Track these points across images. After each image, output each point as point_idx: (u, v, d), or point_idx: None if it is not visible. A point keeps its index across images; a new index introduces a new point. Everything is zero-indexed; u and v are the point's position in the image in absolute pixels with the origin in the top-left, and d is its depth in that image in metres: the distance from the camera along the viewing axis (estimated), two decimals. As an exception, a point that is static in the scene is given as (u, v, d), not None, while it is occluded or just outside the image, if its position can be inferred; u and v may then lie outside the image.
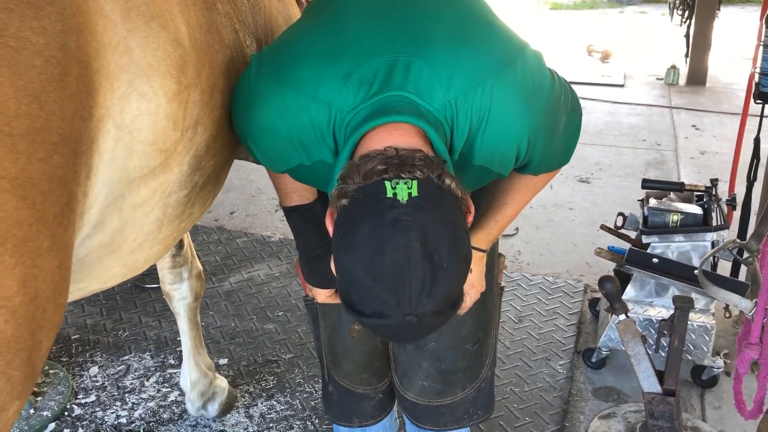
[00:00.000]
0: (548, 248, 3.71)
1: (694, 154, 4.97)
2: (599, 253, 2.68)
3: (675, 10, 7.53)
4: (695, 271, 2.33)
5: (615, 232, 2.81)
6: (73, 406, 2.60)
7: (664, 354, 2.29)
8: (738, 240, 2.22)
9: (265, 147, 1.33)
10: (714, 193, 2.66)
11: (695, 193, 2.73)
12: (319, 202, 1.55)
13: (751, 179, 2.92)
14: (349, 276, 1.09)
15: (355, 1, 1.34)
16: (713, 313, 2.58)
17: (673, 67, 6.74)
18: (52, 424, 2.51)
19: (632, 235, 2.80)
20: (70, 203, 1.00)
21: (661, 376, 2.13)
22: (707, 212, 2.61)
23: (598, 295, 3.09)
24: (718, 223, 2.54)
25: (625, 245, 2.72)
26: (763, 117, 2.86)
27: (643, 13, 10.99)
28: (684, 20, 6.96)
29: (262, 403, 2.59)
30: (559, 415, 2.48)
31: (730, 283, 2.33)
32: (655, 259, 2.52)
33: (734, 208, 2.75)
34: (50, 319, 0.99)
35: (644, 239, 2.59)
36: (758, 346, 1.98)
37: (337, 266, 1.12)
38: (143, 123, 1.17)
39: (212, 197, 1.61)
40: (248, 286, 3.35)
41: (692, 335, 2.50)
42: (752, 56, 2.89)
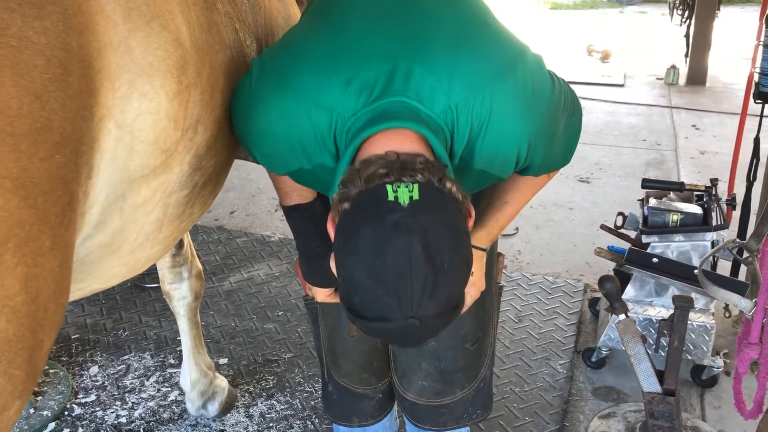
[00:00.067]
0: (548, 248, 3.71)
1: (694, 153, 4.97)
2: (599, 253, 2.69)
3: (675, 10, 7.54)
4: (695, 271, 2.33)
5: (615, 231, 2.81)
6: (73, 405, 2.60)
7: (663, 354, 2.29)
8: (738, 240, 2.22)
9: (266, 150, 1.33)
10: (714, 193, 2.66)
11: (695, 193, 2.73)
12: (318, 201, 1.55)
13: (751, 179, 2.93)
14: (351, 280, 1.09)
15: (356, 4, 1.34)
16: (713, 313, 2.58)
17: (673, 67, 6.74)
18: (52, 424, 2.51)
19: (632, 234, 2.80)
20: (72, 203, 1.00)
21: (660, 375, 2.13)
22: (707, 212, 2.61)
23: (598, 294, 3.09)
24: (718, 223, 2.54)
25: (625, 245, 2.72)
26: (762, 117, 2.86)
27: (643, 13, 11.00)
28: (684, 20, 6.97)
29: (262, 403, 2.59)
30: (559, 415, 2.48)
31: (730, 283, 2.33)
32: (654, 259, 2.52)
33: (734, 208, 2.75)
34: (51, 318, 0.99)
35: (644, 239, 2.59)
36: (758, 345, 1.99)
37: (339, 270, 1.12)
38: (144, 122, 1.17)
39: (212, 197, 1.61)
40: (248, 285, 3.35)
41: (692, 335, 2.51)
42: (752, 56, 2.89)
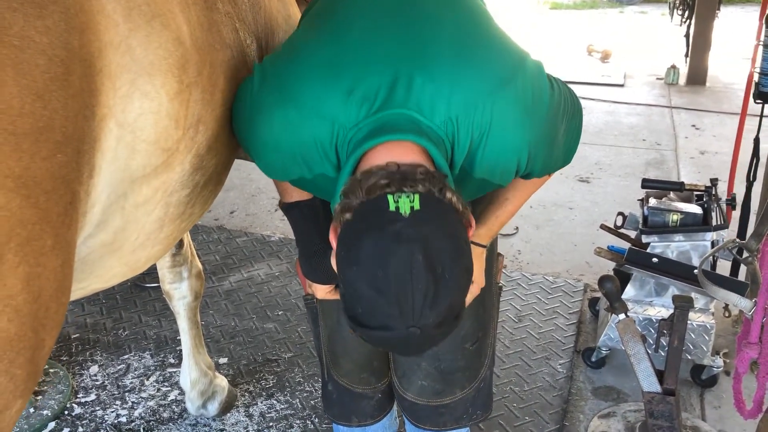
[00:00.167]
0: (548, 248, 3.71)
1: (694, 153, 4.97)
2: (599, 253, 2.69)
3: (675, 10, 7.55)
4: (695, 271, 2.33)
5: (615, 231, 2.81)
6: (73, 405, 2.60)
7: (663, 353, 2.29)
8: (737, 239, 2.22)
9: (267, 159, 1.34)
10: (714, 193, 2.66)
11: (695, 193, 2.73)
12: (319, 199, 1.55)
13: (751, 179, 2.93)
14: (353, 289, 1.10)
15: (357, 11, 1.35)
16: (713, 313, 2.58)
17: (673, 67, 6.74)
18: (52, 423, 2.51)
19: (632, 234, 2.80)
20: (74, 202, 1.01)
21: (660, 375, 2.13)
22: (707, 212, 2.61)
23: (597, 294, 3.09)
24: (718, 223, 2.54)
25: (625, 245, 2.72)
26: (762, 117, 2.87)
27: (643, 13, 11.00)
28: (684, 20, 6.97)
29: (262, 402, 2.59)
30: (559, 415, 2.48)
31: (730, 283, 2.33)
32: (654, 259, 2.52)
33: (734, 208, 2.75)
34: (53, 317, 0.99)
35: (644, 239, 2.59)
36: (758, 345, 1.99)
37: (342, 280, 1.13)
38: (145, 122, 1.17)
39: (213, 197, 1.61)
40: (248, 285, 3.36)
41: (692, 335, 2.51)
42: (752, 56, 2.89)
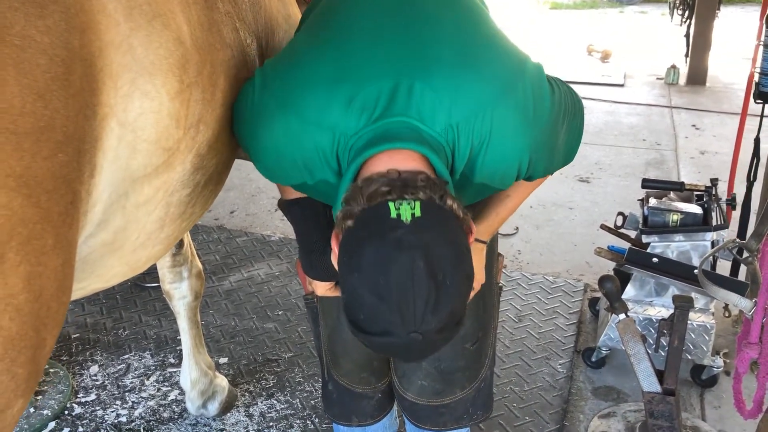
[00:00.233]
0: (548, 248, 3.71)
1: (694, 153, 4.97)
2: (599, 253, 2.69)
3: (675, 10, 7.55)
4: (695, 271, 2.33)
5: (615, 231, 2.81)
6: (74, 404, 2.60)
7: (663, 353, 2.30)
8: (738, 239, 2.22)
9: (268, 165, 1.35)
10: (714, 193, 2.66)
11: (695, 193, 2.73)
12: None
13: (751, 179, 2.93)
14: (355, 296, 1.11)
15: (358, 15, 1.35)
16: (713, 313, 2.58)
17: (673, 67, 6.74)
18: (53, 423, 2.51)
19: (632, 234, 2.80)
20: (75, 202, 1.01)
21: (660, 375, 2.13)
22: (707, 212, 2.61)
23: (597, 294, 3.09)
24: (718, 223, 2.54)
25: (625, 245, 2.73)
26: (763, 117, 2.86)
27: (643, 13, 11.00)
28: (684, 20, 6.97)
29: (262, 402, 2.59)
30: (559, 415, 2.48)
31: (730, 283, 2.33)
32: (654, 259, 2.53)
33: (734, 208, 2.75)
34: (54, 317, 0.99)
35: (644, 239, 2.59)
36: (758, 345, 1.99)
37: (343, 286, 1.14)
38: (146, 121, 1.17)
39: (213, 197, 1.61)
40: (248, 285, 3.36)
41: (692, 335, 2.51)
42: (752, 56, 2.89)
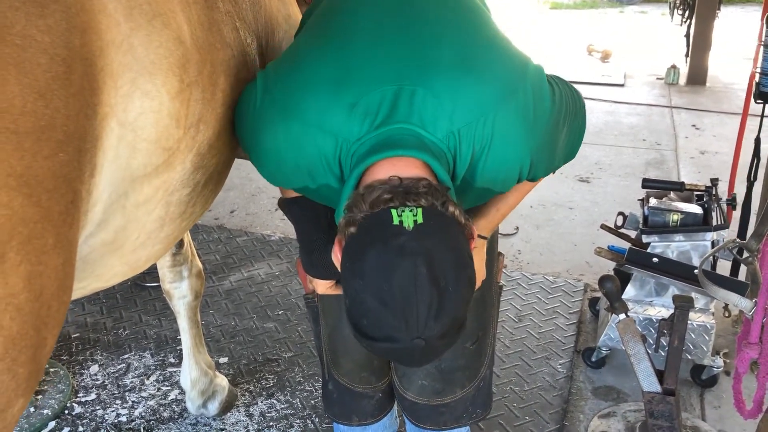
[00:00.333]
0: (548, 247, 3.71)
1: (694, 153, 4.97)
2: (599, 253, 2.69)
3: (675, 10, 7.55)
4: (695, 271, 2.33)
5: (615, 231, 2.81)
6: (74, 404, 2.60)
7: (663, 353, 2.30)
8: (738, 240, 2.22)
9: (270, 169, 1.35)
10: (714, 193, 2.66)
11: (695, 193, 2.73)
12: None
13: (751, 179, 2.93)
14: (359, 302, 1.11)
15: (360, 19, 1.35)
16: (713, 313, 2.58)
17: (673, 67, 6.74)
18: (53, 423, 2.51)
19: (632, 234, 2.80)
20: (75, 201, 1.01)
21: (660, 375, 2.13)
22: (707, 212, 2.61)
23: (598, 294, 3.09)
24: (718, 223, 2.54)
25: (625, 245, 2.73)
26: (763, 117, 2.86)
27: (643, 13, 11.00)
28: (684, 20, 6.97)
29: (263, 402, 2.59)
30: (559, 414, 2.48)
31: (730, 283, 2.33)
32: (655, 259, 2.52)
33: (734, 208, 2.75)
34: (54, 316, 0.99)
35: (644, 239, 2.59)
36: (758, 345, 1.99)
37: (347, 291, 1.15)
38: (146, 121, 1.17)
39: (213, 196, 1.61)
40: (248, 284, 3.36)
41: (692, 335, 2.51)
42: (753, 56, 2.89)
